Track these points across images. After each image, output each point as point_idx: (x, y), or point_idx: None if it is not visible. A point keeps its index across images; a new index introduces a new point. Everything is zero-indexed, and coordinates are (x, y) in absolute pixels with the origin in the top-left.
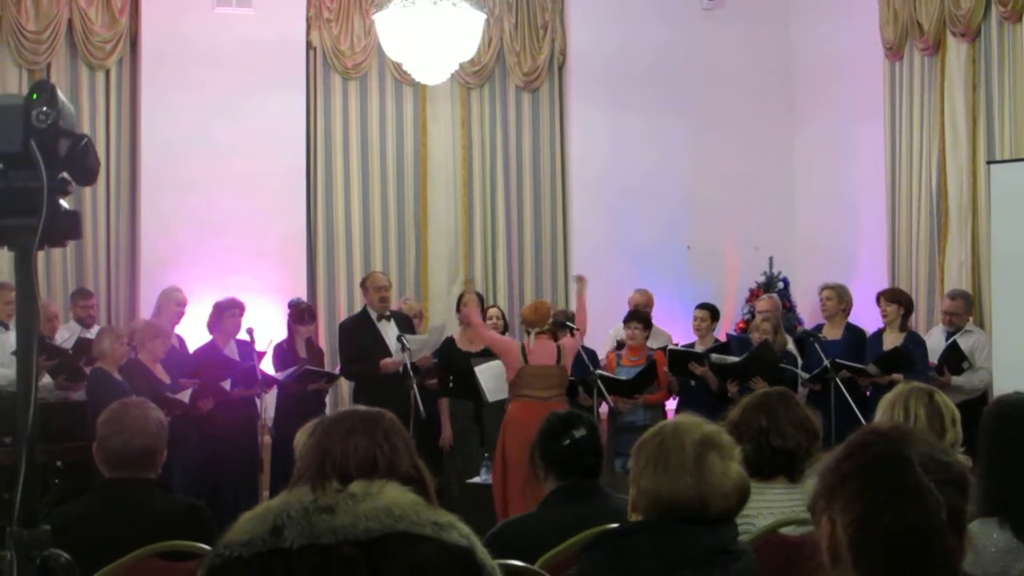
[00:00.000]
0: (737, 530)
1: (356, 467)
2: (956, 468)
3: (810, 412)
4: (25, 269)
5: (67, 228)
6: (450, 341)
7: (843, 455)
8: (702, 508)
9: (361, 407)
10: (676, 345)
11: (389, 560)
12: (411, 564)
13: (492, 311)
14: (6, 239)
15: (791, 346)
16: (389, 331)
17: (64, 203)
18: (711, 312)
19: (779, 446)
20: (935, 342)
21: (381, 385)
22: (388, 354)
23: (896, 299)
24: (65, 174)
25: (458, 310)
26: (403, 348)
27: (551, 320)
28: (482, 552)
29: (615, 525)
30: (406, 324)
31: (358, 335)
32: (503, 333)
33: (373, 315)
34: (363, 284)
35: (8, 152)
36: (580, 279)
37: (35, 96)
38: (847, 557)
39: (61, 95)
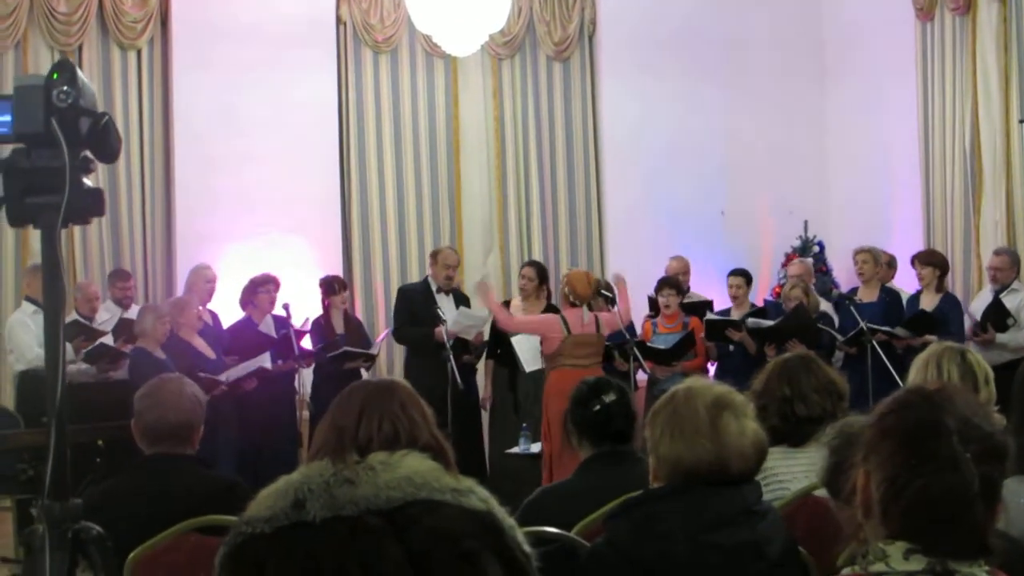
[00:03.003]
0: (761, 489)
1: (378, 442)
2: (996, 438)
3: (834, 373)
4: (50, 246)
5: (90, 205)
6: (505, 306)
7: (887, 410)
8: (723, 470)
9: (372, 380)
10: (713, 314)
11: (413, 527)
12: (434, 529)
13: (525, 271)
14: (31, 218)
15: (826, 307)
16: (446, 304)
17: (87, 181)
18: (745, 278)
19: (804, 414)
20: (984, 301)
21: (426, 355)
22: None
23: (930, 261)
24: (87, 152)
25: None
26: (443, 322)
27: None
28: (501, 514)
29: (639, 492)
30: (464, 300)
31: (415, 302)
32: (539, 288)
33: (434, 286)
34: (433, 256)
35: (30, 132)
36: (620, 281)
37: (55, 76)
38: (877, 513)
39: (81, 74)
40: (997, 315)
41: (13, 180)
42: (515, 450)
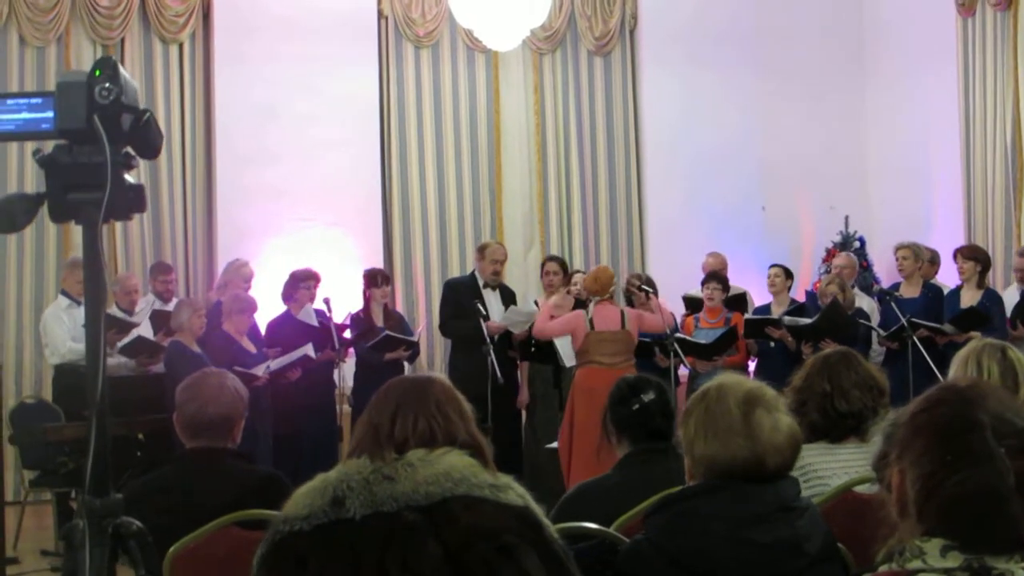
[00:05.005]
0: (799, 486)
1: (415, 440)
2: None
3: (874, 369)
4: (91, 242)
5: (132, 201)
6: (535, 306)
7: (919, 408)
8: (759, 466)
9: (408, 376)
10: (754, 307)
11: (451, 523)
12: (473, 525)
13: (576, 276)
14: (73, 214)
15: (861, 303)
16: (492, 299)
17: (129, 177)
18: (784, 270)
19: (844, 410)
20: (1011, 298)
21: (466, 352)
22: (486, 320)
23: (973, 256)
24: (129, 148)
25: (542, 276)
26: (483, 316)
27: (613, 287)
28: (538, 510)
29: (677, 489)
30: (510, 296)
31: (462, 296)
32: (564, 280)
33: (480, 281)
34: (480, 251)
35: (73, 128)
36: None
37: (97, 72)
38: (913, 511)
39: (123, 71)
40: None
41: (55, 176)
42: (554, 445)
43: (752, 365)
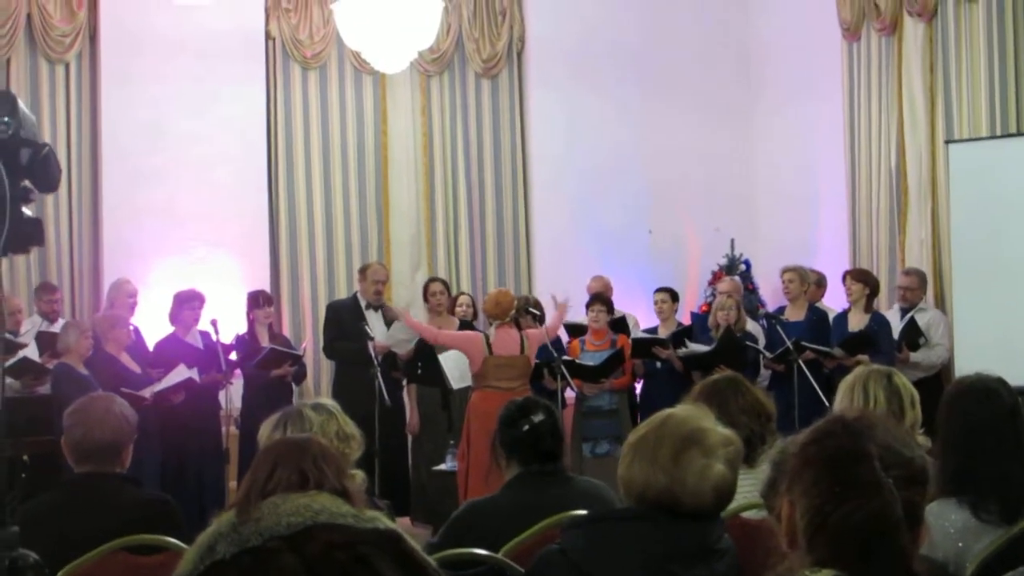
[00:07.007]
0: (723, 528)
1: (283, 489)
2: (916, 463)
3: (761, 395)
4: None
5: (30, 235)
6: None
7: (808, 440)
8: (673, 503)
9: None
10: (640, 331)
11: (312, 543)
12: (330, 539)
13: (462, 298)
14: None
15: (750, 326)
16: (374, 320)
17: (27, 210)
18: (671, 294)
19: None
20: (893, 321)
21: (351, 373)
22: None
23: (863, 279)
24: (27, 182)
25: (424, 298)
26: (369, 338)
27: (513, 311)
28: (411, 540)
29: (608, 509)
30: (393, 317)
31: (344, 317)
32: (472, 319)
33: (363, 302)
34: (362, 272)
35: None
36: (564, 304)
37: None
38: (802, 542)
39: (22, 105)
40: (909, 335)
41: None
42: (442, 467)
43: (639, 387)
